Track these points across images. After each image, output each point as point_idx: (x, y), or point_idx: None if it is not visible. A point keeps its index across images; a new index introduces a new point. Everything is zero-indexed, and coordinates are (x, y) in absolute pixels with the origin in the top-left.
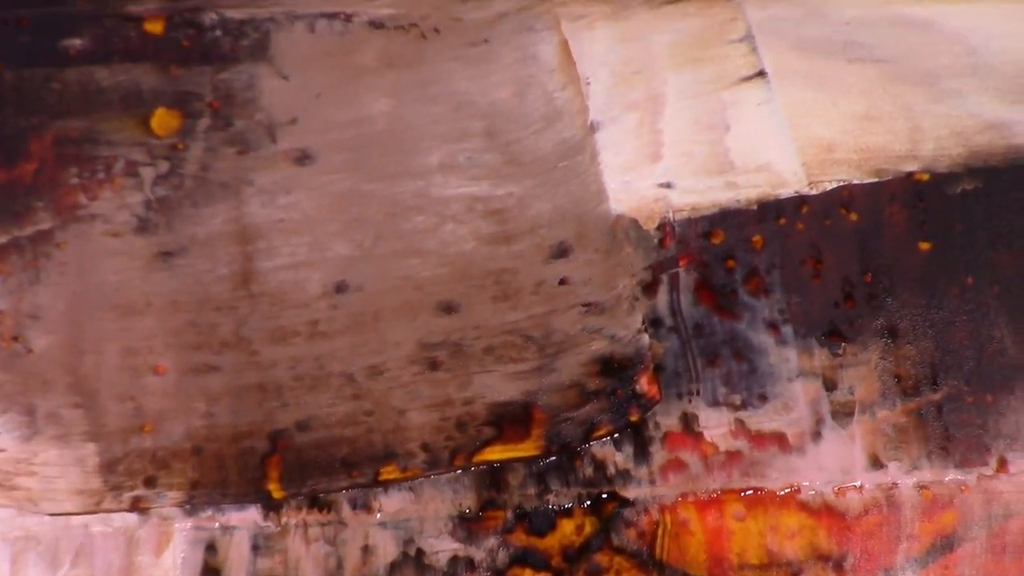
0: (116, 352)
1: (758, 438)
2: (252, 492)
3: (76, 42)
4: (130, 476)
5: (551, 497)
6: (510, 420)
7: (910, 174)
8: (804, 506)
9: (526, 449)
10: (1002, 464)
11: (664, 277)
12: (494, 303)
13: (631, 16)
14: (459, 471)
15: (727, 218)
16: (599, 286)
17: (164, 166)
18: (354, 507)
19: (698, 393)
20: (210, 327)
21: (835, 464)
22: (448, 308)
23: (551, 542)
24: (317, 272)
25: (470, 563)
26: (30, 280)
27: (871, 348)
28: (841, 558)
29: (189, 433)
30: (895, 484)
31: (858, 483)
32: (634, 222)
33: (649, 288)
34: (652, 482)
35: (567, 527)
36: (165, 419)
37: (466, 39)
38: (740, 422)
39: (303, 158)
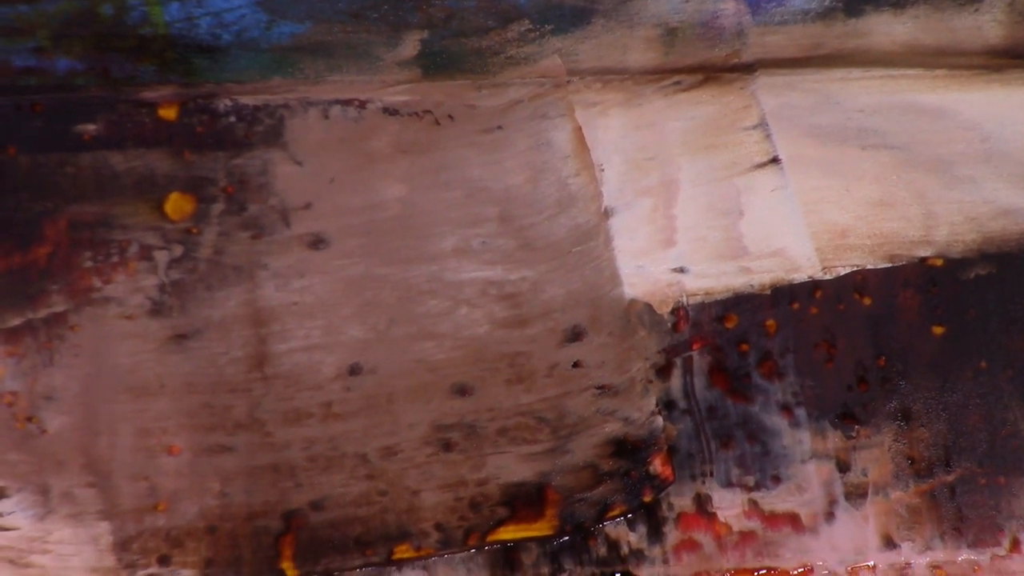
0: (130, 433)
1: (771, 519)
2: (266, 571)
3: (90, 127)
4: (144, 554)
5: None
6: (524, 500)
7: (924, 259)
8: None
9: (540, 529)
10: (1015, 544)
11: (678, 360)
12: (508, 385)
13: (644, 103)
14: (473, 550)
15: (741, 303)
16: (613, 369)
17: (178, 250)
18: None
19: (711, 474)
20: (224, 408)
21: (848, 544)
22: (462, 390)
23: None
24: (331, 355)
25: None
26: (44, 362)
27: (884, 431)
28: None
29: (203, 512)
30: (908, 564)
31: (871, 563)
32: (648, 306)
33: (663, 371)
34: (666, 562)
35: None
36: (179, 498)
37: (480, 126)
38: (753, 503)
39: (317, 242)
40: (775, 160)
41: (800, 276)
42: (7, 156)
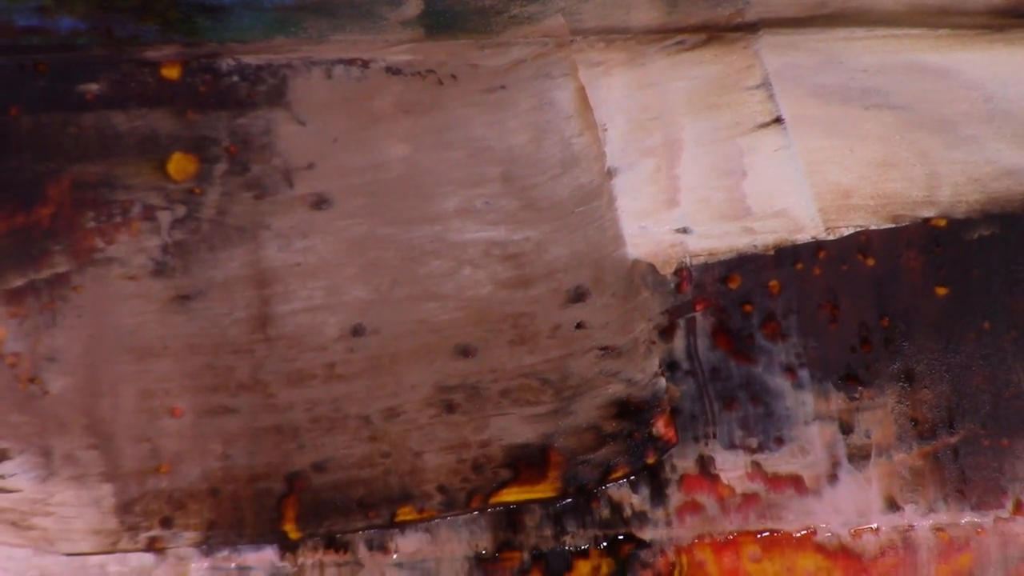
0: (133, 394)
1: (774, 480)
2: (269, 533)
3: (93, 87)
4: (147, 516)
5: (568, 538)
6: (527, 462)
7: (927, 220)
8: (820, 548)
9: (543, 491)
10: (1018, 507)
11: (681, 321)
12: (511, 347)
13: (648, 63)
14: (476, 512)
15: (744, 263)
16: (616, 330)
17: (181, 210)
18: (370, 548)
19: (715, 436)
20: (227, 370)
21: (851, 506)
22: (465, 351)
23: None
24: (334, 315)
25: None
26: (47, 323)
27: (888, 392)
28: None
29: (206, 474)
30: (911, 526)
31: (874, 525)
32: (651, 267)
33: (666, 332)
34: (669, 524)
35: (584, 568)
36: (182, 460)
37: (483, 85)
38: (757, 465)
39: (320, 203)
40: (778, 120)
41: (803, 237)
42: (10, 116)
